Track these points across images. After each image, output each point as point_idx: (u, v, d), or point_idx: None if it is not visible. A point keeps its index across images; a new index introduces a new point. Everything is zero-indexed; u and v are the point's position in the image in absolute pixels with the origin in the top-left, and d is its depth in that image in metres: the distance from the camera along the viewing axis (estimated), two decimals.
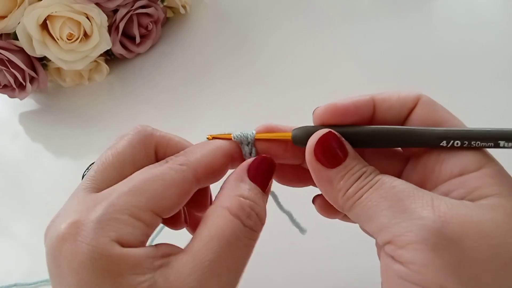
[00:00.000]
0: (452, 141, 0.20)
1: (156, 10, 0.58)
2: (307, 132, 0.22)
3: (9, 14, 0.50)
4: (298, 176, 0.25)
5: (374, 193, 0.19)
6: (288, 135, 0.23)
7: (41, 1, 0.50)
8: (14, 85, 0.53)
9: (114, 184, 0.20)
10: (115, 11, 0.55)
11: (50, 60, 0.53)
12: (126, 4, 0.55)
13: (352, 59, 0.49)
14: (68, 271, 0.16)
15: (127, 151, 0.21)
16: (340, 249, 0.33)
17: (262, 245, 0.22)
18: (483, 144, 0.19)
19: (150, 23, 0.58)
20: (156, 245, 0.19)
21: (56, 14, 0.50)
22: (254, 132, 0.23)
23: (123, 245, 0.17)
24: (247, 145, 0.23)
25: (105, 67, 0.58)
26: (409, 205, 0.18)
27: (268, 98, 0.48)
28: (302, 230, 0.27)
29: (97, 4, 0.52)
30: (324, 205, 0.24)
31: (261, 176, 0.22)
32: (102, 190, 0.19)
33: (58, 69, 0.57)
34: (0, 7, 0.50)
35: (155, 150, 0.22)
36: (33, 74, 0.54)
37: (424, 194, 0.18)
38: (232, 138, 0.23)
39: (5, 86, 0.54)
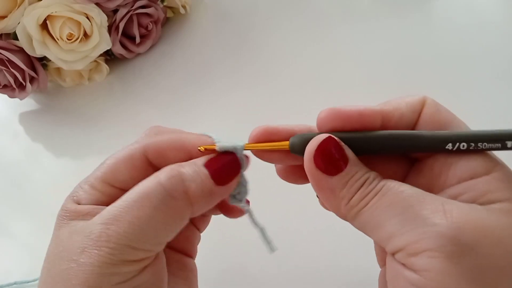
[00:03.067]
0: (458, 144, 0.19)
1: (156, 10, 0.58)
2: (306, 140, 0.20)
3: (9, 14, 0.50)
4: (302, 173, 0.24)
5: (381, 200, 0.19)
6: (285, 145, 0.21)
7: (41, 1, 0.50)
8: (14, 85, 0.53)
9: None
10: (115, 11, 0.55)
11: (50, 60, 0.53)
12: (126, 4, 0.55)
13: (352, 59, 0.49)
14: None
15: (125, 154, 0.23)
16: (335, 253, 0.33)
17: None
18: (490, 145, 0.19)
19: (150, 23, 0.58)
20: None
21: (56, 14, 0.50)
22: (242, 144, 0.22)
23: (78, 203, 0.21)
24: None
25: (105, 67, 0.58)
26: (420, 211, 0.17)
27: (268, 98, 0.48)
28: (272, 249, 0.25)
29: (97, 4, 0.52)
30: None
31: (217, 166, 0.21)
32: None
33: (58, 69, 0.57)
34: (0, 7, 0.50)
35: (147, 161, 0.23)
36: (33, 74, 0.54)
37: (433, 199, 0.18)
38: (216, 148, 0.22)
39: (5, 86, 0.54)
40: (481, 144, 0.19)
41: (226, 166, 0.22)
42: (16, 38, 0.51)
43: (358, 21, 0.54)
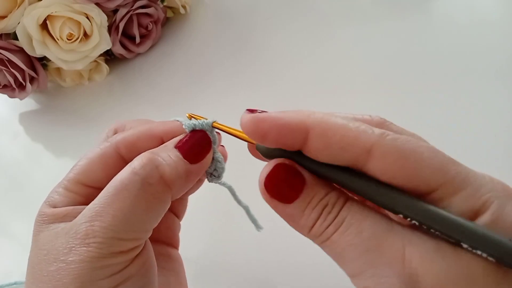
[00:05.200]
0: (409, 219, 0.17)
1: (156, 10, 0.58)
2: (270, 151, 0.20)
3: (9, 14, 0.50)
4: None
5: (341, 238, 0.17)
6: (247, 137, 0.21)
7: (41, 1, 0.50)
8: (14, 85, 0.53)
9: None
10: (115, 11, 0.55)
11: (50, 60, 0.53)
12: (126, 4, 0.55)
13: (353, 59, 0.49)
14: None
15: (96, 152, 0.24)
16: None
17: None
18: (443, 235, 0.16)
19: (150, 23, 0.58)
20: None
21: (56, 14, 0.50)
22: (210, 121, 0.23)
23: (54, 206, 0.22)
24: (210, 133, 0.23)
25: (105, 67, 0.58)
26: (379, 258, 0.16)
27: (268, 98, 0.48)
28: (258, 227, 0.26)
29: (97, 4, 0.52)
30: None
31: (187, 145, 0.22)
32: None
33: (58, 69, 0.57)
34: (0, 7, 0.50)
35: (119, 154, 0.23)
36: (33, 74, 0.54)
37: (394, 241, 0.16)
38: (183, 126, 0.23)
39: (5, 86, 0.54)
40: (434, 230, 0.16)
41: (196, 143, 0.22)
42: (16, 38, 0.51)
43: (358, 22, 0.54)
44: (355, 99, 0.43)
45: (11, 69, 0.51)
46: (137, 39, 0.57)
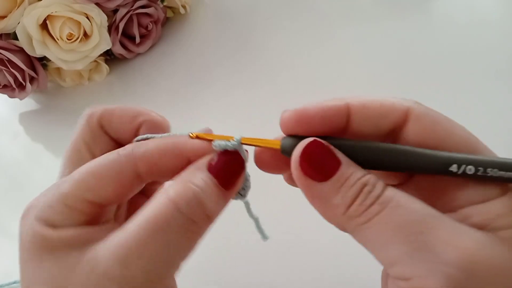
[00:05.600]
0: (464, 166, 0.17)
1: (156, 10, 0.58)
2: (297, 143, 0.19)
3: (9, 14, 0.50)
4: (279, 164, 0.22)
5: (388, 218, 0.16)
6: (277, 144, 0.20)
7: (41, 1, 0.50)
8: (14, 85, 0.53)
9: (77, 163, 0.22)
10: (115, 11, 0.55)
11: (50, 60, 0.53)
12: (126, 4, 0.55)
13: (353, 59, 0.49)
14: (20, 245, 0.20)
15: (76, 135, 0.23)
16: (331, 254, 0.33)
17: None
18: (502, 174, 0.17)
19: (150, 23, 0.58)
20: (103, 223, 0.20)
21: (56, 14, 0.49)
22: (239, 139, 0.20)
23: (53, 227, 0.18)
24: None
25: (105, 67, 0.58)
26: (432, 241, 0.15)
27: (268, 98, 0.47)
28: (264, 237, 0.24)
29: (97, 4, 0.52)
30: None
31: (222, 170, 0.19)
32: (71, 171, 0.21)
33: (58, 69, 0.57)
34: (0, 7, 0.50)
35: (100, 125, 0.23)
36: (33, 74, 0.54)
37: (448, 225, 0.16)
38: (212, 147, 0.20)
39: (5, 86, 0.54)
40: (490, 170, 0.17)
41: (231, 168, 0.20)
42: (16, 38, 0.51)
43: (359, 22, 0.54)
44: None
45: (11, 69, 0.51)
46: (137, 39, 0.57)
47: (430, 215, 0.16)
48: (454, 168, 0.17)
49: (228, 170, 0.20)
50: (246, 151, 0.21)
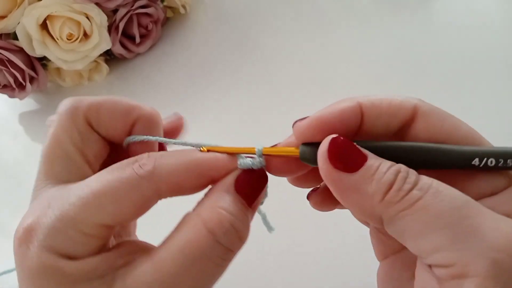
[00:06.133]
0: (485, 159, 0.17)
1: (156, 10, 0.58)
2: (315, 151, 0.18)
3: (9, 14, 0.50)
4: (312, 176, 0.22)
5: (431, 203, 0.16)
6: (295, 152, 0.19)
7: (41, 1, 0.50)
8: (14, 85, 0.53)
9: (67, 169, 0.20)
10: (115, 11, 0.55)
11: (50, 60, 0.53)
12: (126, 4, 0.55)
13: (352, 58, 0.49)
14: (24, 275, 0.17)
15: (60, 136, 0.20)
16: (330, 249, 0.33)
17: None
18: None
19: (150, 23, 0.58)
20: (118, 245, 0.19)
21: (56, 14, 0.49)
22: (260, 151, 0.20)
23: (70, 258, 0.17)
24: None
25: (105, 67, 0.58)
26: (478, 227, 0.15)
27: (268, 98, 0.47)
28: (270, 228, 0.24)
29: (97, 4, 0.52)
30: (320, 201, 0.22)
31: (249, 189, 0.19)
32: (60, 179, 0.20)
33: (58, 69, 0.57)
34: (0, 7, 0.50)
35: (88, 123, 0.20)
36: (33, 74, 0.54)
37: (487, 212, 0.16)
38: (238, 166, 0.20)
39: (5, 86, 0.54)
40: (510, 161, 0.17)
41: (255, 185, 0.19)
42: (16, 38, 0.51)
43: (358, 21, 0.54)
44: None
45: (11, 69, 0.51)
46: (137, 39, 0.57)
47: (471, 202, 0.16)
48: (476, 161, 0.17)
49: (254, 187, 0.19)
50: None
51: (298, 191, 0.25)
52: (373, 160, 0.17)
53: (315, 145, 0.19)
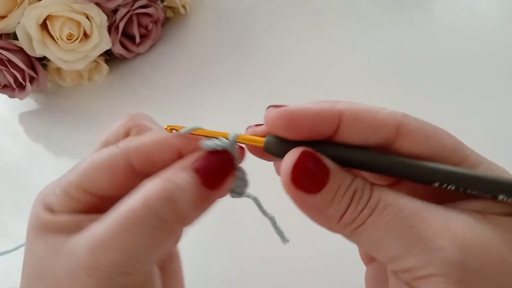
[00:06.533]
0: (446, 185, 0.17)
1: (156, 10, 0.58)
2: (281, 145, 0.18)
3: (9, 14, 0.50)
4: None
5: (378, 219, 0.17)
6: (261, 142, 0.19)
7: (41, 1, 0.50)
8: (14, 85, 0.53)
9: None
10: (115, 11, 0.55)
11: (50, 60, 0.53)
12: (126, 4, 0.55)
13: (352, 58, 0.49)
14: (27, 229, 0.20)
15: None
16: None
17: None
18: (480, 193, 0.17)
19: (150, 23, 0.58)
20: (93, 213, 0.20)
21: (56, 14, 0.50)
22: (233, 139, 0.20)
23: (51, 211, 0.20)
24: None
25: (105, 67, 0.58)
26: (423, 232, 0.16)
27: (268, 98, 0.48)
28: (284, 239, 0.23)
29: (97, 4, 0.52)
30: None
31: (209, 170, 0.19)
32: None
33: (58, 69, 0.57)
34: (0, 7, 0.50)
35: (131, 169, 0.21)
36: (33, 74, 0.54)
37: (436, 214, 0.17)
38: (201, 146, 0.20)
39: (5, 86, 0.54)
40: (470, 190, 0.17)
41: (217, 166, 0.19)
42: (16, 38, 0.51)
43: (358, 21, 0.54)
44: (354, 97, 0.42)
45: (11, 69, 0.51)
46: (137, 39, 0.57)
47: (418, 208, 0.17)
48: (436, 184, 0.18)
49: (216, 170, 0.19)
50: (242, 148, 0.21)
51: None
52: (334, 180, 0.18)
53: (283, 140, 0.19)
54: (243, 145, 0.21)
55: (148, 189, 0.18)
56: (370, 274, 0.23)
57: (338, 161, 0.18)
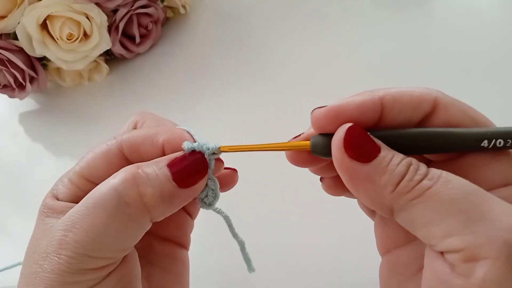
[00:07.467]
0: (494, 141, 0.18)
1: (156, 10, 0.58)
2: (328, 143, 0.19)
3: (9, 14, 0.50)
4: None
5: (441, 191, 0.16)
6: (306, 144, 0.20)
7: (41, 1, 0.50)
8: (14, 85, 0.53)
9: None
10: (115, 11, 0.55)
11: (50, 60, 0.53)
12: (126, 4, 0.55)
13: (352, 58, 0.49)
14: None
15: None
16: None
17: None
18: None
19: (150, 23, 0.58)
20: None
21: (56, 14, 0.50)
22: (214, 146, 0.21)
23: (58, 199, 0.21)
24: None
25: (105, 67, 0.58)
26: (489, 211, 0.16)
27: (268, 98, 0.48)
28: (250, 268, 0.23)
29: (97, 4, 0.52)
30: (333, 184, 0.22)
31: (181, 167, 0.20)
32: None
33: (58, 69, 0.57)
34: (0, 7, 0.50)
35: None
36: (33, 74, 0.54)
37: (495, 198, 0.16)
38: (182, 147, 0.21)
39: (5, 86, 0.54)
40: None
41: (190, 166, 0.20)
42: (16, 38, 0.51)
43: (358, 20, 0.54)
44: None
45: (11, 69, 0.51)
46: (137, 39, 0.57)
47: (480, 190, 0.17)
48: (485, 143, 0.18)
49: (188, 169, 0.20)
50: (220, 160, 0.22)
51: (298, 192, 0.25)
52: (386, 152, 0.18)
53: (326, 137, 0.19)
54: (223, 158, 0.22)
55: (119, 173, 0.20)
56: (387, 265, 0.22)
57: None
